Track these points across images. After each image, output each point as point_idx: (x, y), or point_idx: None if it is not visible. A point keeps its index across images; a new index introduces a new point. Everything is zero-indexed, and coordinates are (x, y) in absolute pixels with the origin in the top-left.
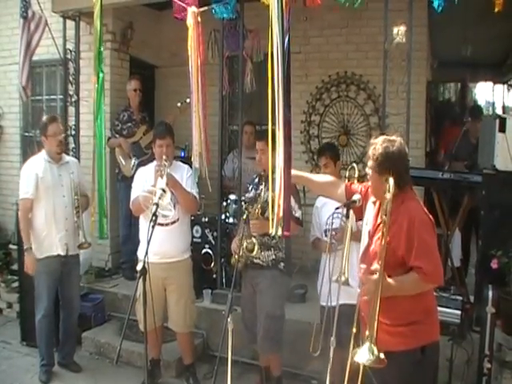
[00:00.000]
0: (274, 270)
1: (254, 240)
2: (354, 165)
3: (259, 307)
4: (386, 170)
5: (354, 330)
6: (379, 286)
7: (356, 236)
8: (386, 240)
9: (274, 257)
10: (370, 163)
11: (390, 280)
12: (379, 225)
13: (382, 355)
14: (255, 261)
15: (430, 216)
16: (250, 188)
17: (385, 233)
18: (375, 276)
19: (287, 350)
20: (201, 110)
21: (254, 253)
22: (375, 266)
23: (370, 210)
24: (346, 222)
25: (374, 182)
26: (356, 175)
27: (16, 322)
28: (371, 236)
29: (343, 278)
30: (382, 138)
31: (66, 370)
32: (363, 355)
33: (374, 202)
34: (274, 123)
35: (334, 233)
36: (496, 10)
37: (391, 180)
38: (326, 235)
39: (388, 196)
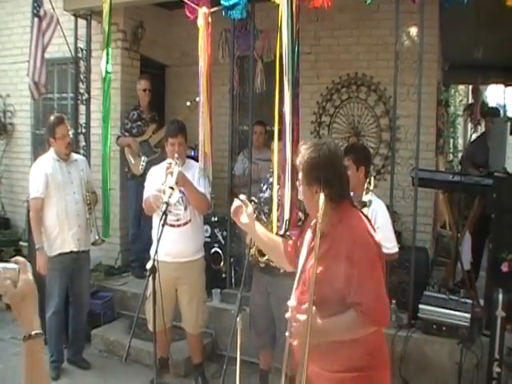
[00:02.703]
0: (291, 277)
1: None
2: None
3: (278, 315)
4: (314, 181)
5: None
6: (308, 330)
7: None
8: (316, 268)
9: None
10: (299, 175)
11: (322, 321)
12: (312, 249)
13: None
14: (271, 264)
15: (376, 237)
16: (264, 188)
17: (315, 259)
18: (305, 316)
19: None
20: (208, 111)
21: (266, 257)
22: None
23: (308, 234)
24: None
25: (304, 196)
26: (372, 187)
27: None
28: (303, 264)
29: None
30: (310, 142)
31: (76, 366)
32: None
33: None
34: (281, 123)
35: None
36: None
37: (322, 196)
38: None
39: (318, 215)
